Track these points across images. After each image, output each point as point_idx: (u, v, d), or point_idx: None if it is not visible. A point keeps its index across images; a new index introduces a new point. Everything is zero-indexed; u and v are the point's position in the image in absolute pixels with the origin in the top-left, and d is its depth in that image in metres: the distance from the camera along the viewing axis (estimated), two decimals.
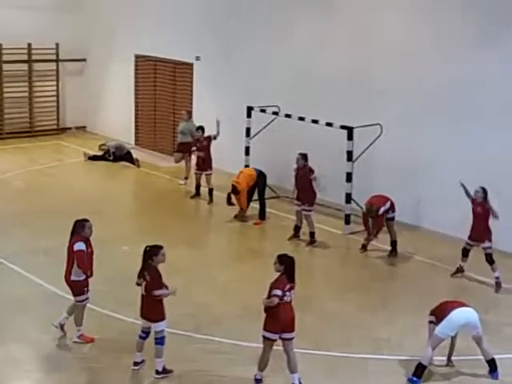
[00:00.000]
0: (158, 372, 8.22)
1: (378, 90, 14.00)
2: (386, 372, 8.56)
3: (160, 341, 8.17)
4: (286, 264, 7.97)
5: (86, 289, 8.90)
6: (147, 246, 8.23)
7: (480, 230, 10.92)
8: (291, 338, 7.99)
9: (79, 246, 8.77)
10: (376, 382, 8.35)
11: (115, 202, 14.98)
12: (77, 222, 9.01)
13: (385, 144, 13.51)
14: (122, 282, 10.23)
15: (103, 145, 18.44)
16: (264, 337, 7.98)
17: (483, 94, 12.51)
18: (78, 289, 8.86)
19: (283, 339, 7.98)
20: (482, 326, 8.52)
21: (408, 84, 13.56)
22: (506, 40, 12.18)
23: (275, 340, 7.97)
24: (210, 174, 15.01)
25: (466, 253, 11.15)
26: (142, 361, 8.38)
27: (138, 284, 8.25)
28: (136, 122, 19.55)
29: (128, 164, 17.76)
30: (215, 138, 14.92)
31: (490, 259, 10.94)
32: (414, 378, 8.26)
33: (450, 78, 12.95)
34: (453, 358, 8.65)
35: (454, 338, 8.47)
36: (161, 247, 8.19)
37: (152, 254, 8.13)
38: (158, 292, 8.07)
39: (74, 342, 8.95)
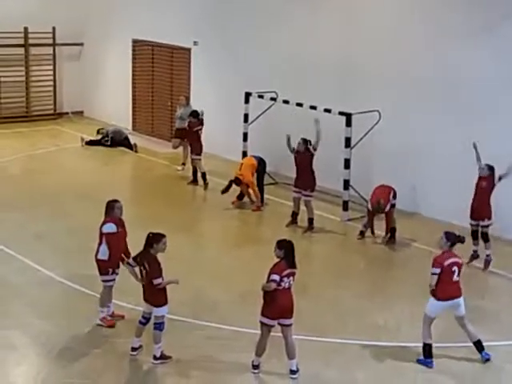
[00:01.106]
0: (155, 357, 8.22)
1: (376, 77, 13.94)
2: (382, 358, 8.57)
3: (159, 326, 8.16)
4: (285, 249, 7.94)
5: (111, 270, 8.87)
6: (150, 233, 8.22)
7: (481, 206, 10.88)
8: (290, 325, 7.99)
9: (108, 227, 8.81)
10: (372, 368, 8.36)
11: (112, 188, 14.92)
12: (108, 202, 9.02)
13: (383, 131, 13.47)
14: (120, 269, 10.20)
15: (102, 129, 18.36)
16: (261, 322, 7.97)
17: (479, 84, 12.46)
18: (103, 268, 8.87)
19: (282, 325, 7.98)
20: (478, 312, 8.51)
21: (406, 71, 13.50)
22: (499, 29, 12.12)
23: (273, 326, 7.97)
24: (199, 160, 14.91)
25: (475, 235, 11.09)
26: (140, 346, 8.37)
27: (132, 265, 8.34)
28: (133, 107, 19.48)
29: (126, 149, 17.70)
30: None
31: (485, 237, 10.94)
32: (423, 359, 8.31)
33: (446, 65, 12.90)
34: (448, 344, 8.65)
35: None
36: (163, 235, 8.18)
37: (154, 240, 8.12)
38: (157, 281, 8.07)
39: (97, 324, 8.95)
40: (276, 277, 7.78)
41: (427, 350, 8.33)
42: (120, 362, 8.29)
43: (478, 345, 8.46)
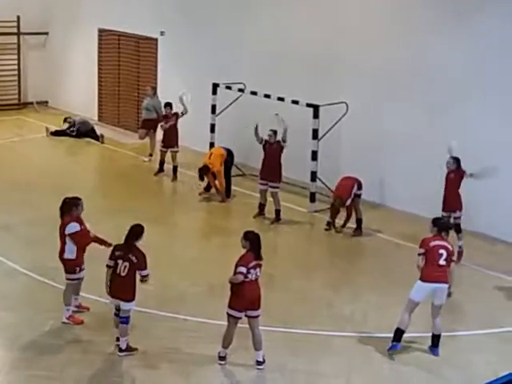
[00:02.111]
0: (121, 350, 8.17)
1: (344, 69, 13.97)
2: (349, 348, 8.62)
3: (126, 320, 8.14)
4: (251, 240, 7.94)
5: (79, 268, 8.75)
6: (134, 225, 8.22)
7: (452, 198, 10.98)
8: (257, 316, 7.99)
9: (72, 227, 8.61)
10: (339, 359, 8.40)
11: (78, 179, 14.76)
12: (68, 200, 8.80)
13: (350, 122, 13.51)
14: (85, 260, 10.09)
15: (69, 117, 18.07)
16: (228, 314, 7.96)
17: (447, 76, 12.56)
18: (70, 267, 8.72)
19: (249, 317, 7.98)
20: (446, 303, 8.58)
21: (373, 63, 13.55)
22: (469, 21, 12.21)
23: (240, 318, 7.96)
24: (177, 152, 14.87)
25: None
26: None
27: (110, 266, 8.15)
28: (99, 97, 19.26)
29: (92, 140, 17.51)
30: (183, 114, 14.76)
31: (458, 228, 11.06)
32: (394, 343, 8.36)
33: (414, 57, 12.97)
34: (415, 334, 8.72)
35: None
36: (143, 226, 8.23)
37: (138, 232, 8.16)
38: (144, 272, 8.06)
39: (63, 322, 8.78)
40: (243, 269, 7.77)
41: (399, 334, 8.36)
42: (85, 355, 8.20)
43: (437, 340, 8.52)
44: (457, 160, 10.96)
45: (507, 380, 3.04)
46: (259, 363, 8.08)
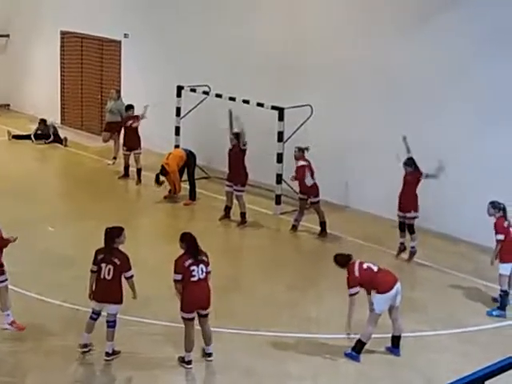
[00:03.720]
0: (108, 354, 8.13)
1: (308, 72, 14.02)
2: (314, 350, 8.63)
3: (113, 324, 8.12)
4: (187, 241, 8.05)
5: (2, 269, 8.56)
6: (108, 228, 8.11)
7: (407, 199, 11.09)
8: (206, 315, 8.08)
9: None
10: (305, 360, 8.41)
11: (41, 182, 14.58)
12: None
13: (315, 125, 13.56)
14: (48, 264, 9.98)
15: (43, 120, 17.59)
16: (182, 317, 8.02)
17: (410, 77, 12.68)
18: None
19: (199, 315, 8.04)
20: (408, 303, 8.66)
21: (337, 67, 13.62)
22: (434, 22, 12.35)
23: (192, 318, 8.00)
24: (139, 154, 14.79)
25: (402, 227, 11.28)
26: (87, 345, 8.18)
27: (94, 271, 8.06)
28: (62, 100, 19.05)
29: (55, 143, 17.29)
30: (142, 117, 14.72)
31: (411, 229, 11.15)
32: (354, 353, 8.37)
33: (379, 60, 13.08)
34: (379, 336, 8.77)
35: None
36: (122, 228, 8.18)
37: (115, 235, 8.06)
38: (128, 273, 8.02)
39: (4, 329, 8.61)
40: (177, 277, 7.93)
41: (361, 347, 8.39)
42: (48, 360, 8.09)
43: (398, 340, 8.57)
44: (412, 162, 11.06)
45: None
46: (209, 355, 8.19)
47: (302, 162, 12.18)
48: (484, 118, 11.88)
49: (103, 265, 8.02)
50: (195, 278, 7.91)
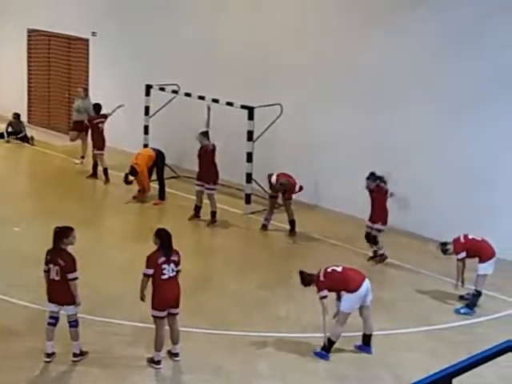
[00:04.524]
0: (75, 355, 8.02)
1: (278, 71, 14.02)
2: (284, 349, 8.63)
3: (75, 323, 8.01)
4: (161, 237, 8.01)
5: None
6: (57, 227, 7.98)
7: (376, 212, 11.17)
8: (176, 314, 8.04)
9: None
10: (274, 359, 8.40)
11: (6, 182, 14.38)
12: None
13: (285, 124, 13.57)
14: (13, 264, 9.83)
15: (17, 115, 17.31)
16: (153, 316, 7.96)
17: (378, 77, 12.75)
18: None
19: (169, 314, 8.00)
20: (378, 302, 8.69)
21: (306, 66, 13.65)
22: (405, 19, 12.41)
23: (164, 317, 7.95)
24: (102, 155, 14.64)
25: (368, 237, 11.27)
26: (53, 353, 8.06)
27: (46, 271, 7.95)
28: (29, 98, 18.82)
29: (21, 142, 17.07)
30: (108, 116, 14.65)
31: (374, 240, 11.20)
32: (323, 352, 8.38)
33: (348, 60, 13.13)
34: (349, 334, 8.80)
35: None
36: (72, 228, 8.01)
37: (62, 235, 7.92)
38: (73, 275, 7.87)
39: None
40: (149, 271, 7.90)
41: (330, 346, 8.41)
42: (13, 362, 7.97)
43: (369, 339, 8.60)
44: (374, 178, 11.06)
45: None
46: (176, 355, 8.15)
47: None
48: (446, 118, 12.00)
49: (51, 265, 7.90)
50: (165, 276, 7.89)
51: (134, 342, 8.51)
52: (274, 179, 12.16)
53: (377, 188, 11.09)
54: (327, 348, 8.39)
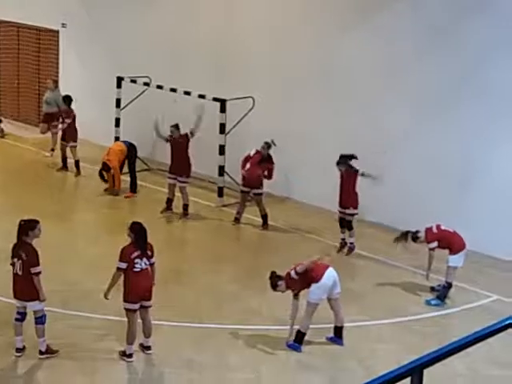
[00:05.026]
0: (41, 352, 7.93)
1: (250, 63, 13.99)
2: (255, 341, 8.65)
3: (40, 320, 7.90)
4: (135, 231, 8.00)
5: None
6: (22, 220, 7.89)
7: (346, 196, 11.18)
8: (149, 306, 8.03)
9: None
10: (245, 352, 8.42)
11: None
12: None
13: (257, 117, 13.56)
14: None
15: None
16: (126, 309, 7.94)
17: (353, 72, 12.78)
18: None
19: (141, 307, 7.98)
20: (348, 294, 8.74)
21: (279, 59, 13.62)
22: (377, 18, 12.47)
23: (136, 310, 7.94)
24: (75, 147, 14.52)
25: (342, 223, 11.32)
26: (24, 347, 7.97)
27: (12, 265, 7.86)
28: None
29: None
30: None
31: (349, 225, 11.24)
32: (296, 344, 8.42)
33: (322, 53, 13.15)
34: (320, 326, 8.84)
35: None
36: (37, 221, 7.91)
37: (28, 228, 7.83)
38: (36, 269, 7.75)
39: None
40: (122, 265, 7.88)
41: (301, 337, 8.44)
42: None
43: (340, 330, 8.66)
44: (344, 159, 11.08)
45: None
46: (148, 348, 8.13)
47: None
48: (420, 117, 12.08)
49: (15, 259, 7.82)
50: (137, 269, 7.86)
51: (105, 336, 8.47)
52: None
53: (346, 171, 11.10)
54: (299, 340, 8.43)
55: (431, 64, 11.89)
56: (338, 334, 8.66)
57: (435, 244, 9.76)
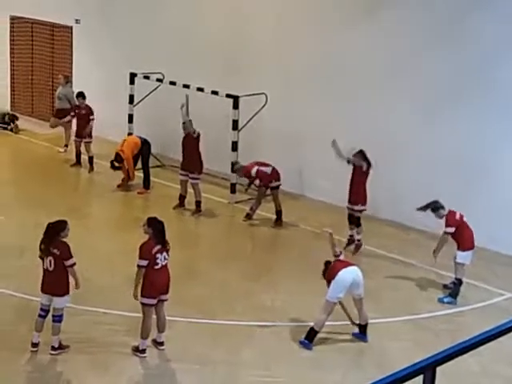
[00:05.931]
0: (54, 348, 8.00)
1: (263, 60, 13.99)
2: (268, 338, 8.68)
3: (59, 318, 7.98)
4: (154, 226, 7.97)
5: None
6: (50, 223, 7.98)
7: (355, 192, 11.13)
8: (165, 300, 8.06)
9: None
10: (260, 349, 8.44)
11: None
12: None
13: (270, 113, 13.56)
14: None
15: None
16: (142, 303, 7.95)
17: (359, 68, 12.77)
18: None
19: (158, 300, 8.01)
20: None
21: (292, 55, 13.62)
22: (380, 15, 12.44)
23: (153, 304, 7.95)
24: (90, 142, 14.58)
25: (351, 219, 11.32)
26: (38, 343, 8.04)
27: (42, 258, 7.95)
28: (12, 86, 18.65)
29: (4, 130, 16.94)
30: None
31: (357, 222, 11.21)
32: (306, 341, 8.42)
33: (330, 52, 13.11)
34: (333, 323, 8.85)
35: (341, 302, 8.58)
36: (65, 222, 8.03)
37: (59, 230, 7.93)
38: (70, 261, 7.86)
39: None
40: (143, 262, 7.87)
41: (313, 335, 8.44)
42: (0, 351, 7.95)
43: (364, 328, 8.66)
44: (361, 157, 11.00)
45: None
46: (161, 344, 8.15)
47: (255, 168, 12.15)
48: (424, 110, 12.06)
49: (45, 257, 7.90)
50: (158, 266, 7.86)
51: (118, 331, 8.51)
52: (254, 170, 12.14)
53: (355, 168, 11.06)
54: (311, 337, 8.43)
55: (436, 60, 11.85)
56: (362, 331, 8.68)
57: (452, 229, 9.69)
